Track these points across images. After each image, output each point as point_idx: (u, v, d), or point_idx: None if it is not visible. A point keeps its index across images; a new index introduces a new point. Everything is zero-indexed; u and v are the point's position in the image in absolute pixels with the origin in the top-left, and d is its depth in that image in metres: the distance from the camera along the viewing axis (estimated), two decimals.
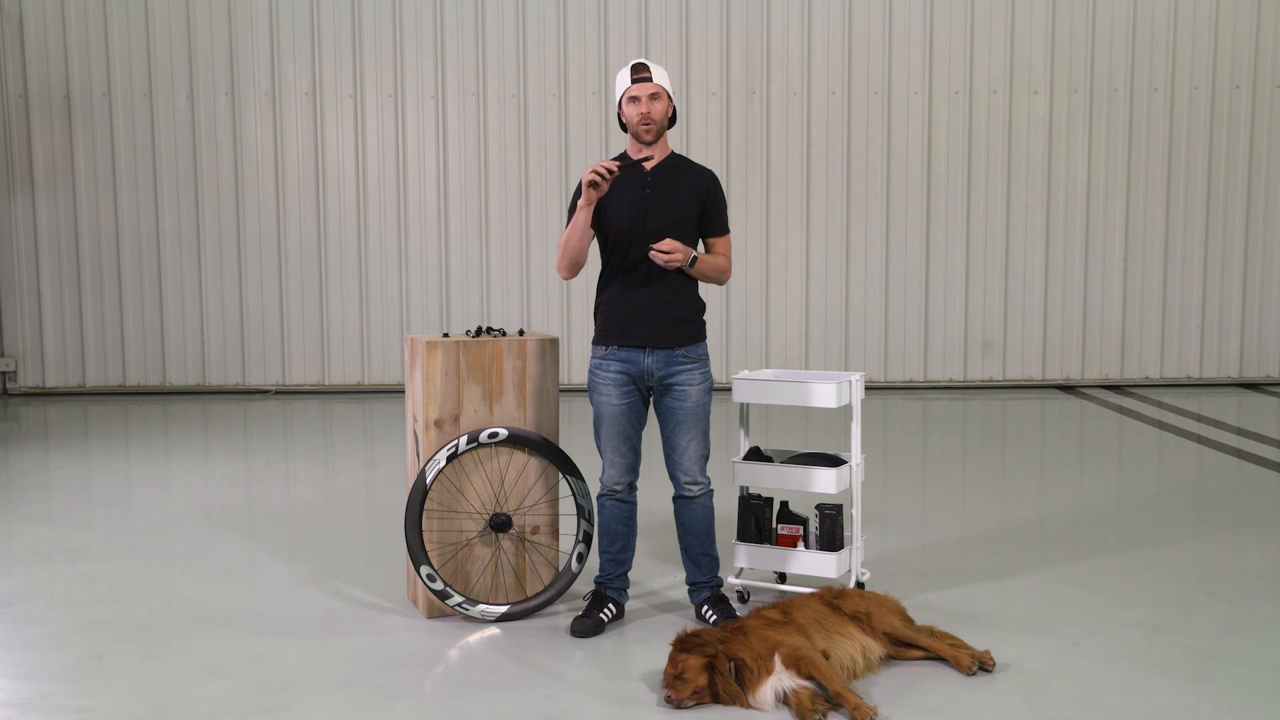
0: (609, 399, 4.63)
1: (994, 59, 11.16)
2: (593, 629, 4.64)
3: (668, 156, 4.68)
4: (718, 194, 4.70)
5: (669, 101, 4.61)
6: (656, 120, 4.56)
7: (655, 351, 4.60)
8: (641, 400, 4.68)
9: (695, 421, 4.64)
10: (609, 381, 4.63)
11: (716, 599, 4.75)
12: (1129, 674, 4.16)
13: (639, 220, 4.58)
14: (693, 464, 4.68)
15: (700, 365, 4.66)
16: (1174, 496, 7.01)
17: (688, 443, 4.65)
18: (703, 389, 4.66)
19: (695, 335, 4.67)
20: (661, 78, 4.59)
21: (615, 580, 4.78)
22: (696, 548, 4.77)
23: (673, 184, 4.63)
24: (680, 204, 4.61)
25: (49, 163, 11.23)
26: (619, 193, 4.62)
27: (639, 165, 4.60)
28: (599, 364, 4.66)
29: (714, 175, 4.74)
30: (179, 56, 11.13)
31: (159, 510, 6.81)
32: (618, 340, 4.63)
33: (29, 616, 4.89)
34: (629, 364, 4.61)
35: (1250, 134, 11.21)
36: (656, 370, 4.61)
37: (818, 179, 11.24)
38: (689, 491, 4.71)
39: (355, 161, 11.24)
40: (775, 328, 11.32)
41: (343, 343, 11.38)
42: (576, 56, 11.13)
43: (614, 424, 4.64)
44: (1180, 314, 11.38)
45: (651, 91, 4.54)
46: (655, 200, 4.60)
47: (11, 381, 11.43)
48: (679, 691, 3.83)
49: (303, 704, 3.97)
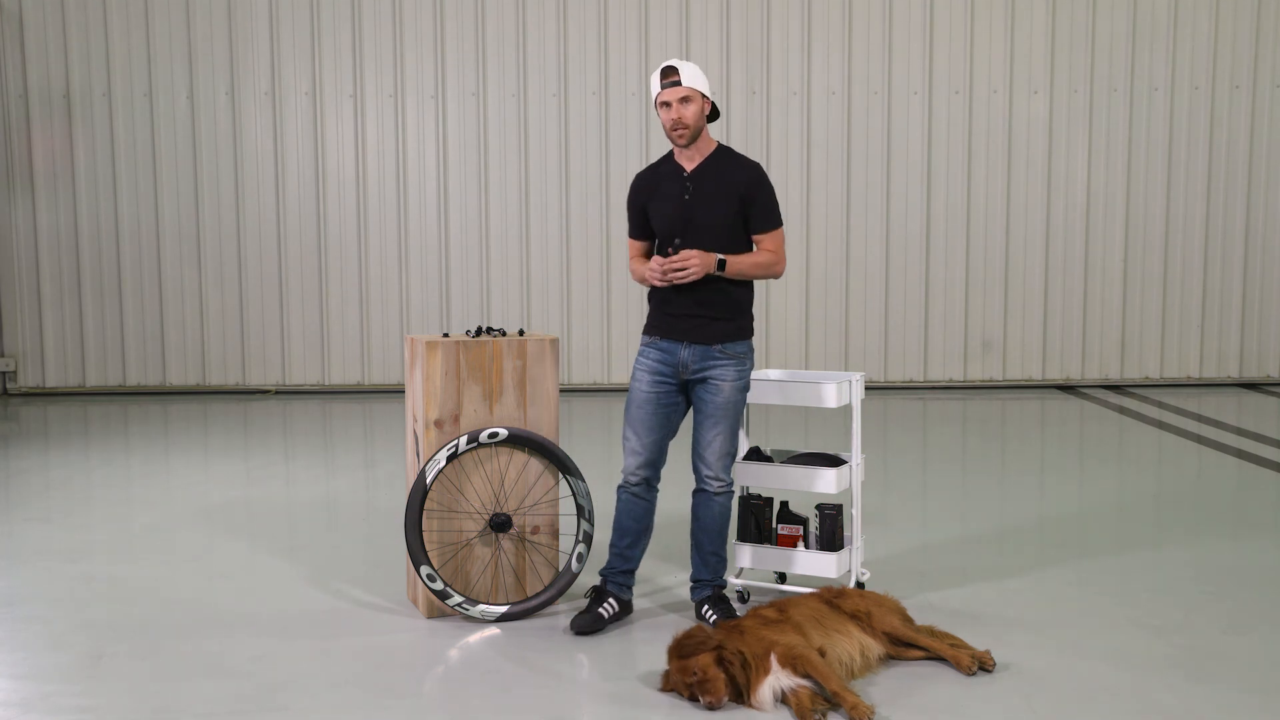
0: (639, 384, 4.68)
1: (994, 59, 11.16)
2: (590, 625, 4.63)
3: (710, 154, 4.62)
4: (761, 189, 4.60)
5: (703, 100, 4.54)
6: (689, 124, 4.52)
7: (693, 346, 4.61)
8: (674, 392, 4.68)
9: (724, 416, 4.62)
10: (644, 368, 4.68)
11: (718, 599, 4.75)
12: (1129, 674, 4.16)
13: (679, 226, 4.60)
14: (716, 459, 4.66)
15: (737, 363, 4.64)
16: (1174, 496, 7.01)
17: (714, 436, 4.64)
18: (737, 386, 4.64)
19: (734, 334, 4.64)
20: (693, 78, 4.51)
21: (618, 575, 4.76)
22: (708, 545, 4.76)
23: (713, 186, 4.58)
24: (720, 207, 4.57)
25: (49, 163, 11.22)
26: (662, 197, 4.64)
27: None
28: (642, 351, 4.73)
29: (757, 169, 4.65)
30: (179, 56, 11.13)
31: (159, 510, 6.81)
32: (660, 332, 4.67)
33: (29, 616, 4.88)
34: (667, 354, 4.65)
35: (1250, 134, 11.21)
36: (692, 363, 4.62)
37: (818, 179, 11.24)
38: (710, 486, 4.70)
39: (355, 161, 11.24)
40: (775, 328, 11.32)
41: (343, 343, 11.38)
42: (577, 56, 11.13)
43: (639, 410, 4.66)
44: (1180, 314, 11.38)
45: (682, 95, 4.49)
46: (695, 204, 4.58)
47: (11, 381, 11.43)
48: (715, 694, 3.77)
49: (303, 704, 3.97)
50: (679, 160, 4.64)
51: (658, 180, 4.69)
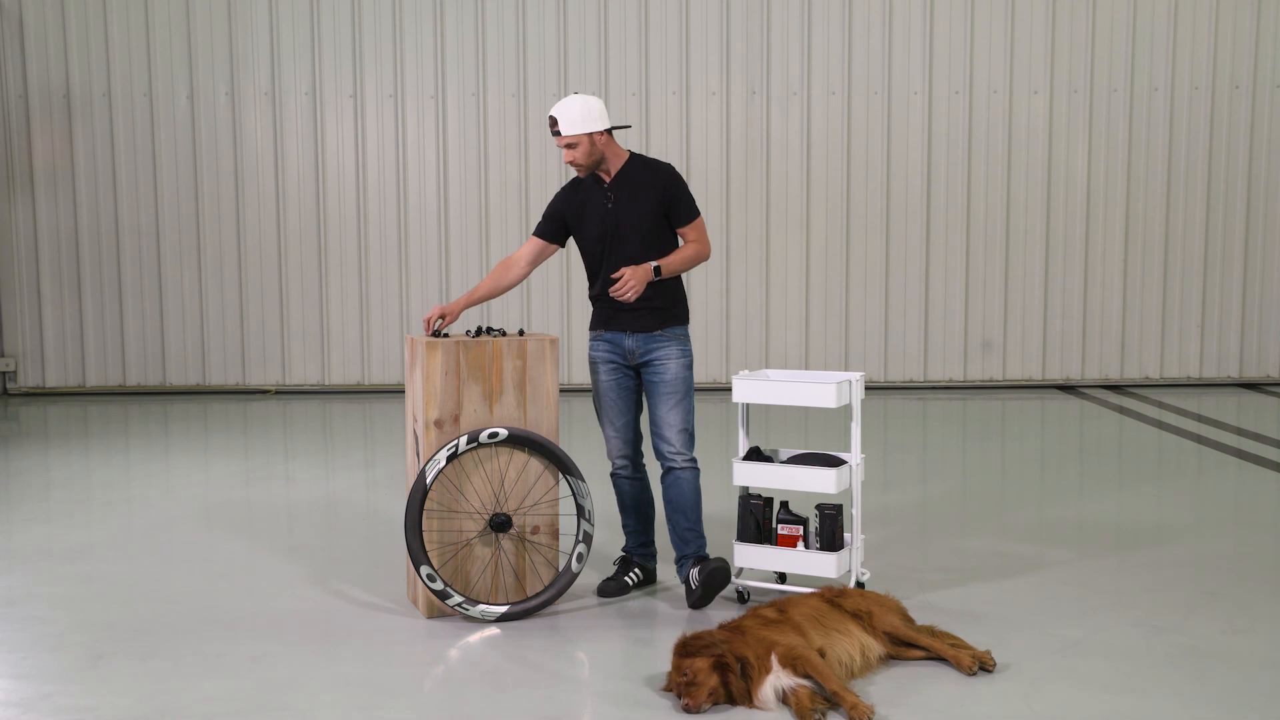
0: (599, 376, 5.05)
1: (994, 59, 11.16)
2: (617, 590, 5.05)
3: (625, 163, 4.97)
4: (677, 186, 4.97)
5: (589, 138, 4.83)
6: (582, 163, 4.89)
7: (635, 334, 4.96)
8: (629, 377, 5.04)
9: (674, 392, 4.91)
10: (599, 360, 5.04)
11: (698, 559, 4.92)
12: (1129, 674, 4.16)
13: (606, 237, 4.94)
14: (675, 434, 4.91)
15: (679, 343, 4.97)
16: (1174, 496, 7.01)
17: (667, 411, 4.90)
18: (681, 363, 4.94)
19: (673, 319, 4.98)
20: (570, 125, 4.81)
21: (637, 549, 5.17)
22: (683, 523, 4.95)
23: (632, 191, 4.93)
24: (644, 209, 4.92)
25: (49, 163, 11.22)
26: (586, 212, 4.98)
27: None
28: (592, 344, 5.08)
29: (669, 169, 5.00)
30: (179, 56, 11.13)
31: (159, 510, 6.81)
32: (604, 326, 5.04)
33: (29, 616, 4.89)
34: (614, 344, 5.00)
35: (1250, 134, 11.21)
36: (638, 349, 4.97)
37: (818, 179, 11.24)
38: (674, 462, 4.91)
39: (355, 161, 11.24)
40: (775, 328, 11.32)
41: (343, 343, 11.38)
42: (577, 56, 11.13)
43: (605, 399, 5.04)
44: (1180, 314, 11.38)
45: (564, 144, 4.89)
46: (619, 212, 4.92)
47: (11, 381, 11.43)
48: (695, 698, 3.81)
49: (303, 704, 3.97)
50: (598, 173, 4.98)
51: (581, 195, 5.01)
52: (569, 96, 4.88)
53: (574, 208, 5.03)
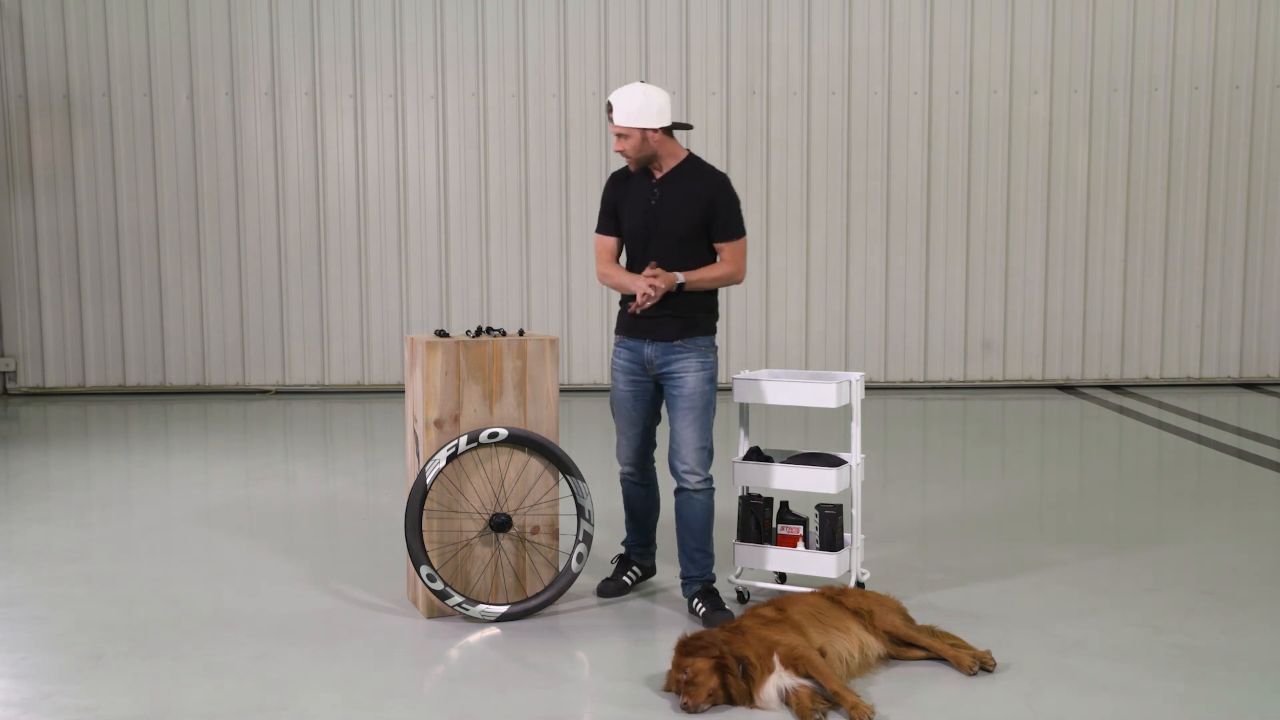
0: (617, 384, 4.98)
1: (994, 59, 11.16)
2: (616, 590, 5.06)
3: (679, 163, 4.81)
4: (726, 199, 4.78)
5: (641, 133, 4.69)
6: (631, 155, 4.74)
7: (655, 343, 4.83)
8: (649, 387, 4.93)
9: (691, 409, 4.77)
10: (619, 368, 4.96)
11: (707, 592, 4.81)
12: (1129, 674, 4.16)
13: (643, 232, 4.81)
14: (690, 453, 4.77)
15: (700, 354, 4.80)
16: (1174, 496, 7.01)
17: (684, 428, 4.78)
18: (701, 377, 4.78)
19: (694, 330, 4.81)
20: (626, 116, 4.68)
21: (635, 547, 5.15)
22: (692, 544, 4.84)
23: (678, 195, 4.77)
24: (685, 213, 4.76)
25: (49, 163, 11.22)
26: (629, 203, 4.85)
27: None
28: (615, 351, 4.99)
29: (723, 180, 4.81)
30: (179, 56, 11.13)
31: (159, 510, 6.81)
32: (625, 332, 4.92)
33: (29, 616, 4.89)
34: (634, 351, 4.89)
35: (1250, 134, 11.21)
36: (656, 359, 4.83)
37: (818, 179, 11.23)
38: (688, 482, 4.79)
39: (355, 161, 11.24)
40: (775, 328, 11.32)
41: (343, 343, 11.37)
42: (576, 56, 11.13)
43: (619, 405, 4.98)
44: (1180, 314, 11.38)
45: (617, 132, 4.72)
46: (660, 212, 4.78)
47: (11, 381, 11.43)
48: (694, 697, 3.81)
49: (303, 704, 3.97)
50: (650, 167, 4.83)
51: (629, 184, 4.89)
52: (634, 84, 4.72)
53: (620, 195, 4.89)
